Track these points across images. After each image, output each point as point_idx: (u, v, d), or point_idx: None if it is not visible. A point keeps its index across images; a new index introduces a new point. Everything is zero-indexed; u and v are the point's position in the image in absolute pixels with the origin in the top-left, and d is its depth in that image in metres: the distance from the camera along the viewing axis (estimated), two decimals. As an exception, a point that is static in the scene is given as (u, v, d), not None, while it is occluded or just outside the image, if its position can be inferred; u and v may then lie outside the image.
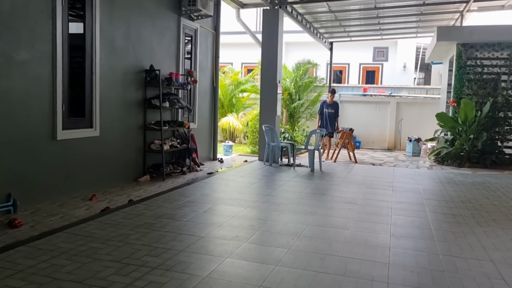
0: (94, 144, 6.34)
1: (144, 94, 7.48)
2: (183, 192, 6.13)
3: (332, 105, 11.30)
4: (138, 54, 7.27)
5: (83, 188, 6.14)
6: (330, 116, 11.21)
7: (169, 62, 8.26)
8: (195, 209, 5.13)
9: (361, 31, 14.37)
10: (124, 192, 6.42)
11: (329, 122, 11.20)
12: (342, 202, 5.85)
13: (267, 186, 6.98)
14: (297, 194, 6.23)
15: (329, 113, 11.22)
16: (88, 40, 6.10)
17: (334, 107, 11.29)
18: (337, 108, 11.38)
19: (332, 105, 11.29)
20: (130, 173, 7.27)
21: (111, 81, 6.62)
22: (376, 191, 6.74)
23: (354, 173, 8.63)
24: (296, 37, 18.11)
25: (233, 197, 5.93)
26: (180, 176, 7.94)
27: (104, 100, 6.48)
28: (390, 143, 15.15)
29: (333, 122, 11.24)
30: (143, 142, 7.56)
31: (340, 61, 18.22)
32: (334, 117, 11.23)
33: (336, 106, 11.38)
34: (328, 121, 11.20)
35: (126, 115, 7.04)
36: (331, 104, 11.30)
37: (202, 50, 9.57)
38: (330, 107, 11.27)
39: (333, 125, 11.25)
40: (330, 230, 4.47)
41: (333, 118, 11.22)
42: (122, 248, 3.69)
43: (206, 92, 9.95)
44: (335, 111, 11.26)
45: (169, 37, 8.19)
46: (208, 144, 10.22)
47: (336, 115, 11.28)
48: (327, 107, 11.29)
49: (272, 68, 9.59)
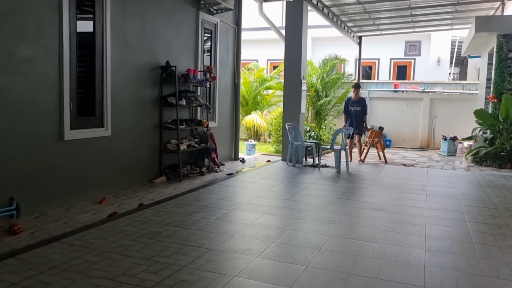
0: (106, 144, 6.03)
1: (160, 91, 7.14)
2: (197, 196, 5.74)
3: (358, 102, 9.96)
4: (154, 50, 6.93)
5: (94, 190, 5.84)
6: (357, 115, 9.86)
7: (187, 58, 7.89)
8: (207, 216, 4.72)
9: (392, 23, 13.60)
10: (136, 194, 6.09)
11: (355, 122, 9.85)
12: (370, 208, 5.31)
13: (289, 189, 6.50)
14: (320, 199, 5.73)
15: (355, 112, 9.87)
16: (98, 36, 5.78)
17: (360, 104, 9.94)
18: (364, 105, 10.01)
19: (358, 102, 9.95)
20: (145, 174, 6.94)
21: (124, 79, 6.30)
22: (408, 195, 6.15)
23: (384, 174, 8.02)
24: (323, 32, 17.50)
25: (250, 201, 5.49)
26: (198, 177, 7.56)
27: (117, 98, 6.17)
28: (423, 142, 14.34)
29: (360, 121, 9.93)
30: (159, 141, 7.22)
31: (369, 56, 17.46)
32: (362, 115, 9.93)
33: (363, 103, 10.02)
34: (354, 121, 9.86)
35: (140, 113, 6.71)
36: (356, 101, 9.96)
37: (222, 46, 9.16)
38: (356, 105, 9.92)
39: (360, 124, 9.94)
40: (356, 243, 3.96)
41: (360, 116, 9.91)
42: (118, 262, 3.31)
43: (227, 89, 9.55)
44: (361, 108, 9.91)
45: (186, 32, 7.82)
46: (229, 143, 9.81)
47: (363, 113, 9.95)
48: (352, 104, 9.97)
49: (296, 64, 9.08)
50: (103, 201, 5.56)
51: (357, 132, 9.94)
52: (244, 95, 15.15)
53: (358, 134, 10.00)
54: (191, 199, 5.52)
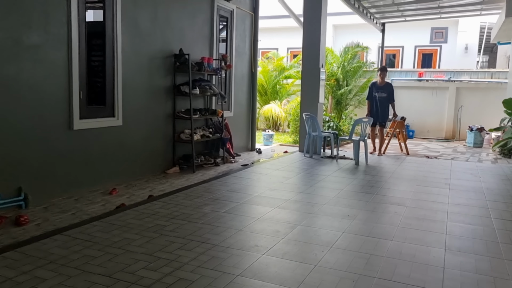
0: (117, 134, 5.93)
1: (173, 80, 6.99)
2: (208, 188, 5.59)
3: (384, 87, 9.09)
4: (167, 37, 6.77)
5: (105, 181, 5.76)
6: (382, 101, 9.04)
7: (202, 46, 7.70)
8: (217, 208, 4.56)
9: (417, 9, 13.05)
10: (148, 185, 5.99)
11: (380, 109, 9.04)
12: (387, 203, 5.05)
13: (304, 181, 6.28)
14: (335, 192, 5.49)
15: (381, 98, 9.05)
16: (108, 23, 5.65)
17: (386, 89, 9.07)
18: (391, 90, 9.10)
19: (383, 88, 9.08)
20: (158, 164, 6.84)
21: (135, 67, 6.17)
22: (430, 189, 5.85)
23: (405, 167, 7.70)
24: (345, 19, 17.04)
25: (262, 194, 5.30)
26: (212, 168, 7.42)
27: (128, 87, 6.05)
28: (447, 133, 13.82)
29: (385, 109, 9.08)
30: (173, 131, 7.09)
31: (393, 44, 16.92)
32: (388, 102, 9.09)
33: (390, 89, 9.11)
34: (380, 108, 9.04)
35: (153, 103, 6.59)
36: (382, 86, 9.11)
37: (239, 33, 8.94)
38: (381, 90, 9.06)
39: (385, 112, 9.09)
40: (370, 240, 3.73)
41: (386, 103, 9.07)
42: (118, 257, 3.18)
43: (244, 78, 9.33)
44: (388, 94, 9.04)
45: (201, 19, 7.63)
46: (246, 134, 9.63)
47: (390, 98, 9.09)
48: (377, 90, 9.11)
49: (315, 51, 8.78)
50: (113, 192, 5.47)
51: (380, 123, 9.17)
52: (263, 84, 14.90)
53: (380, 125, 9.20)
54: (202, 191, 5.37)
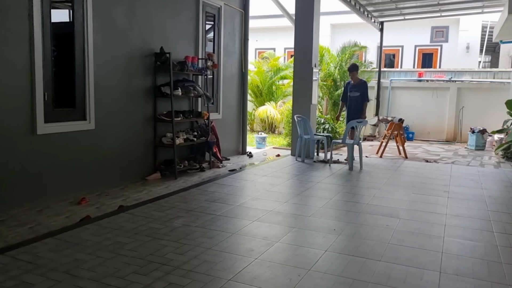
0: (89, 139, 5.50)
1: (154, 80, 6.56)
2: (186, 197, 5.15)
3: (358, 86, 8.36)
4: (146, 35, 6.34)
5: (75, 189, 5.34)
6: (354, 101, 8.34)
7: (186, 45, 7.27)
8: (188, 222, 4.13)
9: (416, 7, 12.58)
10: (123, 193, 5.55)
11: (352, 109, 8.37)
12: (379, 214, 4.59)
13: (291, 189, 5.84)
14: (323, 202, 5.04)
15: (352, 98, 8.37)
16: (77, 18, 5.22)
17: (360, 88, 8.32)
18: (364, 89, 8.32)
19: (357, 86, 8.35)
20: (137, 170, 6.41)
21: (110, 66, 5.75)
22: (427, 198, 5.39)
23: (402, 172, 7.24)
24: (343, 18, 16.62)
25: (243, 204, 4.86)
26: (197, 174, 6.98)
27: (101, 88, 5.62)
28: (449, 135, 13.35)
29: (358, 109, 8.29)
30: (153, 135, 6.66)
31: (392, 43, 16.45)
32: (361, 102, 8.32)
33: (363, 87, 8.33)
34: (352, 108, 8.37)
35: (131, 104, 6.16)
36: (355, 84, 8.41)
37: (227, 31, 8.51)
38: (354, 89, 8.36)
39: (358, 112, 8.23)
40: (355, 261, 3.28)
41: (359, 103, 8.31)
42: (61, 285, 2.75)
43: (233, 78, 8.90)
44: (361, 93, 8.30)
45: (185, 16, 7.20)
46: (236, 137, 9.20)
47: (363, 98, 8.31)
48: (351, 89, 8.46)
49: (307, 51, 8.34)
50: (82, 202, 5.04)
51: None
52: (258, 85, 14.50)
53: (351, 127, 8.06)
54: (178, 201, 4.93)
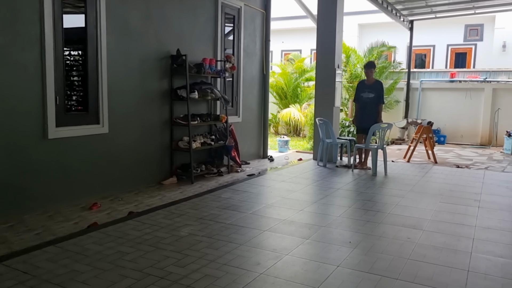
0: (102, 143, 5.43)
1: (170, 83, 6.45)
2: (198, 203, 4.98)
3: (372, 86, 7.41)
4: (162, 37, 6.24)
5: (88, 194, 5.26)
6: (369, 103, 7.36)
7: (204, 47, 7.14)
8: (196, 231, 3.95)
9: (448, 4, 12.03)
10: (136, 198, 5.45)
11: (366, 112, 7.37)
12: (401, 225, 4.27)
13: (308, 195, 5.57)
14: (342, 210, 4.76)
15: (367, 99, 7.38)
16: (90, 21, 5.15)
17: (374, 89, 7.36)
18: (380, 90, 7.39)
19: (372, 87, 7.39)
20: (153, 174, 6.30)
21: (124, 69, 5.66)
22: (455, 207, 5.02)
23: (430, 178, 6.84)
24: (371, 17, 16.17)
25: (257, 212, 4.65)
26: (214, 179, 6.82)
27: (115, 91, 5.54)
28: (483, 138, 12.69)
29: (372, 113, 7.29)
30: (170, 139, 6.55)
31: (423, 43, 15.86)
32: (376, 105, 7.36)
33: (379, 88, 7.41)
34: (365, 111, 7.39)
35: (146, 108, 6.06)
36: (370, 84, 7.45)
37: (248, 33, 8.33)
38: (369, 90, 7.38)
39: (372, 116, 7.27)
40: (369, 279, 3.00)
41: (374, 106, 7.34)
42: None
43: (254, 80, 8.71)
44: (376, 95, 7.32)
45: (203, 18, 7.06)
46: (257, 140, 8.99)
47: (378, 100, 7.36)
48: (364, 89, 7.47)
49: (329, 51, 8.04)
50: (93, 207, 4.96)
51: (364, 129, 7.34)
52: (283, 87, 14.25)
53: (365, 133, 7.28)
54: (189, 208, 4.77)
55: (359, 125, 7.64)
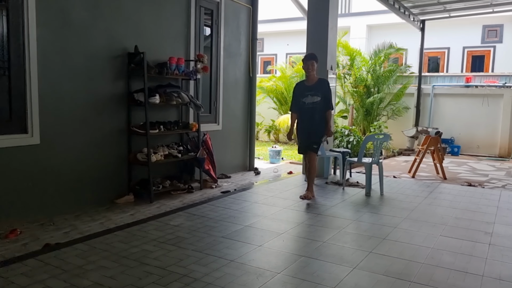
0: (31, 156, 4.53)
1: (127, 86, 5.54)
2: (135, 233, 4.03)
3: (315, 87, 5.49)
4: (116, 31, 5.34)
5: (12, 217, 4.37)
6: (312, 111, 5.47)
7: (173, 45, 6.22)
8: (101, 279, 2.99)
9: (463, 1, 10.90)
10: (72, 223, 4.52)
11: (310, 123, 5.52)
12: (381, 273, 3.23)
13: (277, 223, 4.54)
14: (312, 246, 3.75)
15: (309, 105, 5.48)
16: (13, 9, 4.28)
17: (319, 90, 5.47)
18: (326, 91, 5.51)
19: (314, 88, 5.48)
20: (105, 192, 5.38)
21: (63, 69, 4.77)
22: (460, 244, 3.95)
23: (434, 200, 5.75)
24: (380, 18, 15.12)
25: (201, 248, 3.67)
26: (181, 196, 5.88)
27: (50, 94, 4.65)
28: (502, 149, 11.45)
29: (319, 122, 5.50)
30: (127, 150, 5.63)
31: (437, 45, 14.69)
32: (323, 111, 5.50)
33: (324, 88, 5.51)
34: (309, 121, 5.53)
35: (93, 114, 5.16)
36: (312, 85, 5.52)
37: (230, 30, 7.39)
38: (311, 92, 5.48)
39: (318, 127, 5.51)
40: None
41: (320, 113, 5.48)
42: None
43: (238, 84, 7.75)
44: (322, 98, 5.45)
45: (172, 11, 6.15)
46: (242, 151, 8.02)
47: (326, 106, 5.51)
48: (304, 93, 5.54)
49: (321, 50, 7.01)
50: (10, 235, 4.05)
51: (308, 144, 5.59)
52: (283, 91, 13.27)
53: (310, 149, 5.59)
54: (119, 240, 3.82)
55: (302, 141, 5.71)
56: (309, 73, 5.56)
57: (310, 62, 5.54)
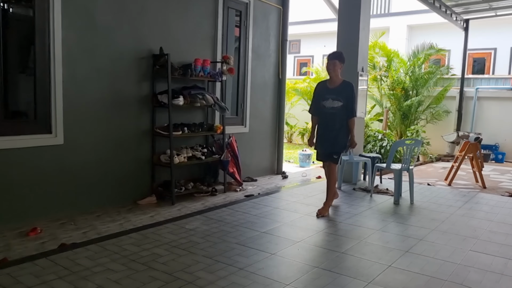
0: (55, 156, 4.62)
1: (152, 87, 5.57)
2: (150, 236, 4.01)
3: (338, 90, 4.91)
4: (141, 33, 5.37)
5: (36, 215, 4.48)
6: (333, 117, 4.93)
7: (200, 46, 6.20)
8: (112, 275, 2.97)
9: None
10: (92, 223, 4.57)
11: (330, 130, 4.97)
12: (399, 289, 3.03)
13: (298, 230, 4.39)
14: (325, 257, 3.58)
15: (330, 110, 4.92)
16: (39, 11, 4.36)
17: (342, 94, 4.87)
18: (350, 96, 4.89)
19: (337, 91, 4.90)
20: (128, 193, 5.42)
21: (88, 70, 4.84)
22: (491, 261, 3.65)
23: (468, 211, 5.40)
24: (421, 18, 14.55)
25: (219, 252, 3.59)
26: (203, 199, 5.84)
27: (75, 95, 4.73)
28: (552, 157, 10.71)
29: (339, 129, 4.94)
30: (151, 152, 5.66)
31: (483, 45, 13.95)
32: (344, 119, 4.92)
33: (348, 92, 4.89)
34: (329, 127, 4.98)
35: (118, 116, 5.21)
36: (334, 88, 4.94)
37: (259, 31, 7.30)
38: (332, 95, 4.91)
39: (339, 135, 4.95)
40: None
41: (340, 120, 4.92)
42: None
43: (266, 85, 7.64)
44: (344, 103, 4.87)
45: (198, 12, 6.14)
46: (270, 154, 7.90)
47: (349, 112, 4.90)
48: (326, 95, 4.97)
49: (351, 51, 6.78)
50: (31, 233, 4.14)
51: (329, 154, 5.05)
52: (316, 94, 12.99)
53: (330, 160, 5.07)
54: (134, 241, 3.82)
55: (320, 149, 5.15)
56: (331, 74, 5.00)
57: (332, 62, 4.92)
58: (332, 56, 4.98)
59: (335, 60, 4.93)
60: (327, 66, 5.03)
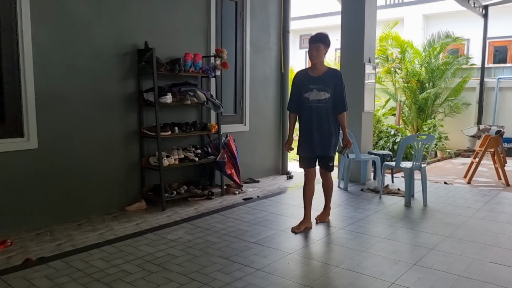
0: (28, 161, 4.26)
1: (138, 85, 5.17)
2: (124, 248, 3.60)
3: (323, 79, 4.06)
4: (124, 27, 4.98)
5: (13, 225, 4.14)
6: (317, 111, 4.06)
7: (191, 40, 5.78)
8: (63, 308, 2.57)
9: (533, -18, 9.57)
10: (70, 233, 4.20)
11: (316, 127, 4.08)
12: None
13: (293, 240, 3.92)
14: (321, 272, 3.10)
15: (314, 103, 4.06)
16: (4, 6, 4.02)
17: (328, 82, 4.05)
18: (339, 85, 4.08)
19: (322, 80, 4.05)
20: (115, 199, 5.05)
21: (63, 68, 4.46)
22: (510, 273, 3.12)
23: (489, 212, 4.82)
24: (437, 6, 13.79)
25: (197, 268, 3.16)
26: (197, 203, 5.42)
27: (49, 96, 4.36)
28: None
29: (327, 127, 4.08)
30: (139, 154, 5.26)
31: (504, 33, 13.13)
32: (333, 113, 4.11)
33: (336, 80, 4.07)
34: (314, 124, 4.08)
35: (101, 116, 4.83)
36: (318, 77, 4.08)
37: (257, 23, 6.83)
38: (317, 86, 4.05)
39: (327, 132, 4.08)
40: None
41: (329, 115, 4.08)
42: None
43: (268, 80, 7.17)
44: (333, 93, 4.06)
45: (189, 3, 5.71)
46: (274, 153, 7.43)
47: (339, 105, 4.10)
48: (308, 85, 4.10)
49: (356, 40, 6.28)
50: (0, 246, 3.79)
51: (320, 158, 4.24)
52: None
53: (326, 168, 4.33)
54: (105, 255, 3.42)
55: (305, 152, 4.20)
56: (314, 60, 4.08)
57: (315, 46, 4.01)
58: (315, 39, 4.05)
59: (319, 44, 4.02)
60: (309, 51, 4.09)
